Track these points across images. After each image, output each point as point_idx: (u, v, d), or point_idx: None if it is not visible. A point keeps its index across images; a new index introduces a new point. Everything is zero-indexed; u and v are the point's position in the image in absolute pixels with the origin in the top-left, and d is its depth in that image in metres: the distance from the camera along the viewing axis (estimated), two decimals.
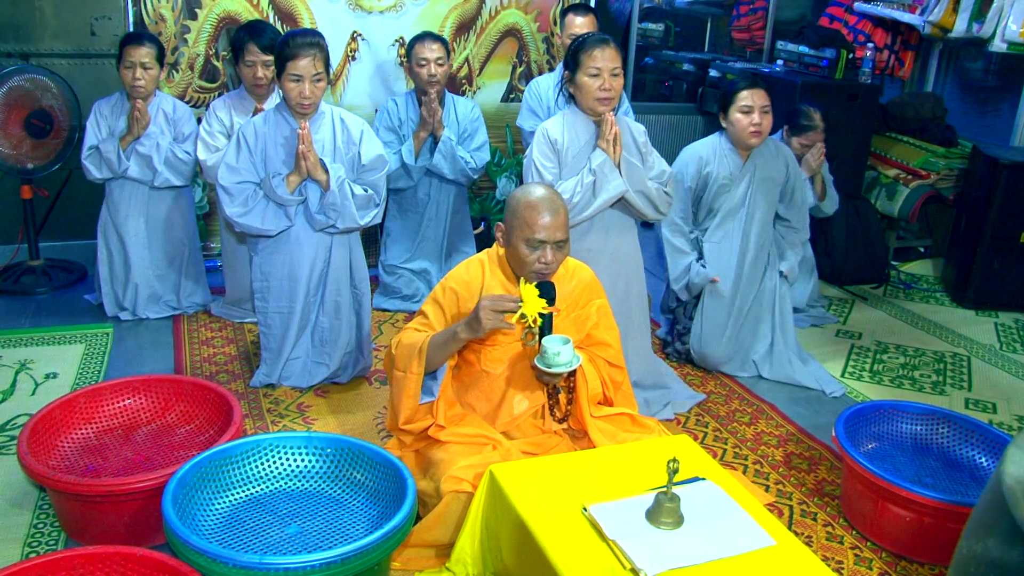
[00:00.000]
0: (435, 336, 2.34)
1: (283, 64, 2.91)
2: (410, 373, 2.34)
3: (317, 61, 2.92)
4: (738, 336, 3.54)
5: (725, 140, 3.45)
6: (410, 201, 4.10)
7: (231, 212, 3.00)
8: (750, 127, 3.32)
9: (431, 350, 2.32)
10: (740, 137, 3.37)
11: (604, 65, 2.82)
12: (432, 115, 3.79)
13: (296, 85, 2.91)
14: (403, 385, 2.36)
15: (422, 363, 2.32)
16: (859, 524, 2.59)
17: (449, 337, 2.31)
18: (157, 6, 4.12)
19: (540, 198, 2.30)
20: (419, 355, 2.32)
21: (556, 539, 1.88)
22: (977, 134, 5.16)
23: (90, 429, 2.66)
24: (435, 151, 3.87)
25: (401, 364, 2.36)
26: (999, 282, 4.46)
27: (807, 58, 4.97)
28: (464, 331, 2.27)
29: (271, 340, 3.23)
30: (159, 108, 3.72)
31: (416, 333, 2.39)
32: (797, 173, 3.62)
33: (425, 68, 3.80)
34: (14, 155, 4.04)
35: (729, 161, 3.44)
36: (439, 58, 3.81)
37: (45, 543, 2.38)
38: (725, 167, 3.43)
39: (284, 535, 2.19)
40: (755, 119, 3.31)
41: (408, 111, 3.96)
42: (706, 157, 3.45)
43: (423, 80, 3.82)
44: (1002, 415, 3.39)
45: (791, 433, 3.15)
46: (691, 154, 3.48)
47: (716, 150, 3.45)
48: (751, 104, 3.30)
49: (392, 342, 2.43)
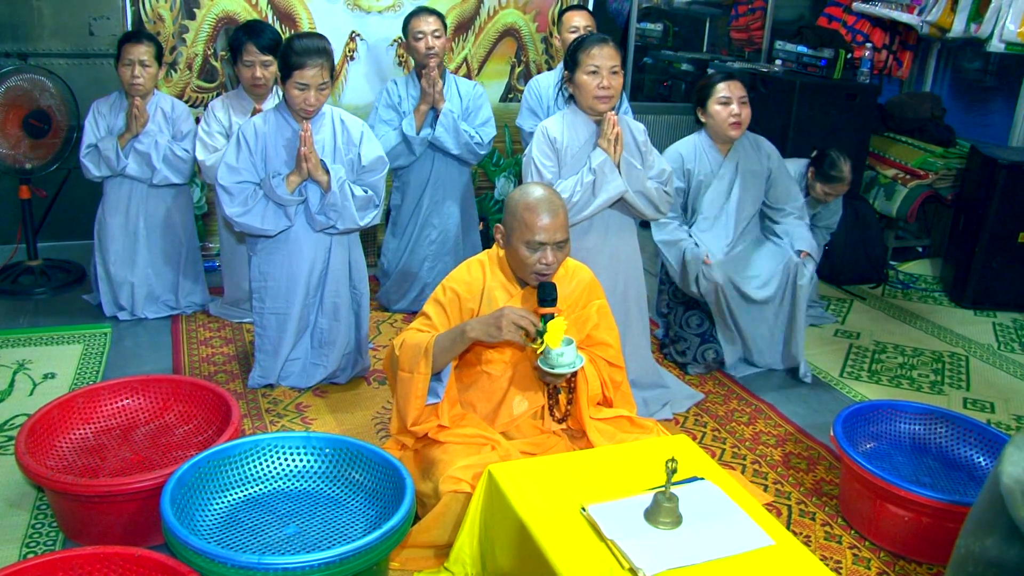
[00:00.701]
0: (440, 336, 2.31)
1: (289, 71, 2.90)
2: (417, 373, 2.30)
3: (324, 71, 2.91)
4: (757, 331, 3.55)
5: (704, 137, 3.45)
6: (414, 181, 3.94)
7: (231, 212, 3.00)
8: (730, 118, 3.31)
9: (437, 350, 2.29)
10: (720, 129, 3.36)
11: (603, 63, 2.82)
12: (432, 85, 3.69)
13: (302, 93, 2.91)
14: (410, 386, 2.31)
15: (429, 363, 2.28)
16: (857, 524, 2.59)
17: (456, 336, 2.28)
18: (155, 6, 4.12)
19: (539, 199, 2.29)
20: (425, 355, 2.28)
21: (555, 539, 1.88)
22: (975, 134, 5.16)
23: (88, 429, 2.66)
24: (437, 124, 3.77)
25: (407, 365, 2.32)
26: (997, 282, 4.46)
27: (805, 58, 4.97)
28: (476, 332, 2.24)
29: (266, 342, 3.22)
30: (157, 106, 3.72)
31: (419, 333, 2.35)
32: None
33: (422, 41, 3.72)
34: (12, 155, 4.03)
35: (709, 157, 3.43)
36: (435, 31, 3.73)
37: (43, 543, 2.37)
38: (705, 163, 3.43)
39: (282, 535, 2.19)
40: (734, 109, 3.31)
41: (408, 89, 3.86)
42: (687, 155, 3.44)
43: (421, 53, 3.73)
44: (1000, 415, 3.39)
45: (789, 433, 3.16)
46: (673, 154, 3.46)
47: (696, 147, 3.45)
48: (729, 95, 3.30)
49: (394, 343, 2.40)
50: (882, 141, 5.13)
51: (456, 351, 2.31)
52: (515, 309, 2.25)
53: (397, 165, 3.86)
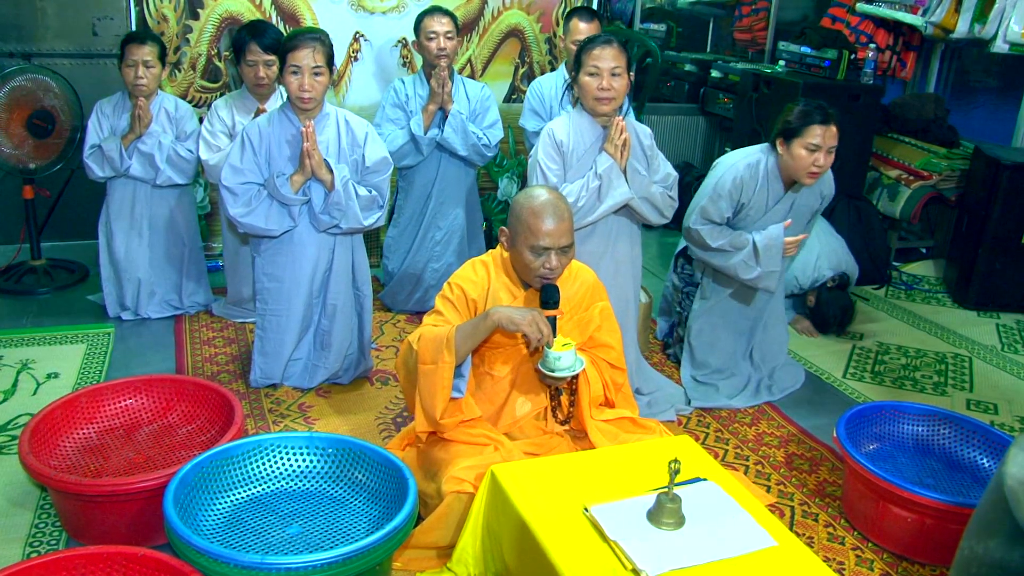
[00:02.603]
0: (461, 325, 2.28)
1: (284, 57, 2.91)
2: (442, 363, 2.24)
3: (317, 54, 2.90)
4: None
5: (773, 165, 3.10)
6: (420, 181, 3.92)
7: (234, 212, 3.00)
8: (812, 167, 2.98)
9: (460, 337, 2.25)
10: (796, 174, 3.04)
11: (604, 65, 2.80)
12: (442, 85, 3.66)
13: (296, 78, 2.90)
14: (435, 377, 2.26)
15: (453, 351, 2.23)
16: (860, 525, 2.59)
17: (479, 321, 2.25)
18: (159, 6, 4.13)
19: (544, 204, 2.28)
20: (448, 344, 2.23)
21: (557, 540, 1.88)
22: (979, 135, 5.16)
23: (91, 429, 2.66)
24: (445, 125, 3.74)
25: (429, 356, 2.26)
26: (1001, 283, 4.45)
27: (809, 59, 4.97)
28: (500, 315, 2.20)
29: (267, 343, 3.22)
30: (161, 107, 3.72)
31: (436, 328, 2.32)
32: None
33: (434, 41, 3.69)
34: (16, 155, 4.04)
35: (771, 189, 3.12)
36: (448, 32, 3.71)
37: (46, 543, 2.38)
38: (763, 196, 3.12)
39: (285, 535, 2.19)
40: (819, 159, 2.96)
41: (416, 88, 3.83)
42: (748, 183, 3.10)
43: (432, 54, 3.70)
44: (1003, 416, 3.39)
45: (792, 434, 3.15)
46: (732, 183, 3.09)
47: (758, 174, 3.10)
48: (820, 144, 2.94)
49: (410, 339, 2.34)
50: (885, 142, 5.12)
51: (479, 337, 2.27)
52: (543, 314, 2.26)
53: (404, 165, 3.84)
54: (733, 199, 3.11)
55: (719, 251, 3.15)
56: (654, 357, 3.69)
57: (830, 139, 2.96)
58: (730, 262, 3.15)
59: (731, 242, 3.13)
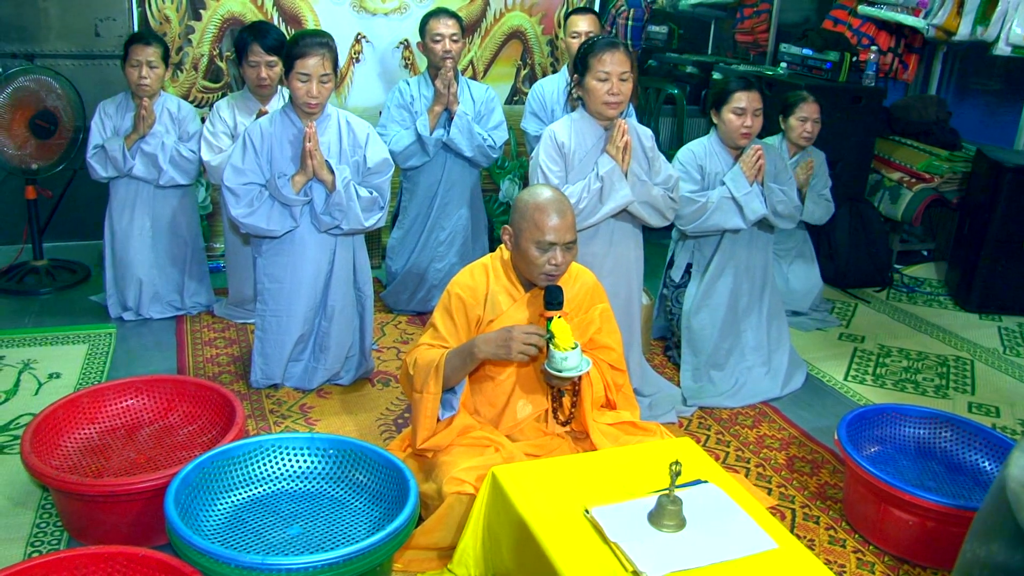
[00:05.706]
0: (451, 354, 2.32)
1: (292, 62, 2.91)
2: (427, 393, 2.32)
3: (326, 61, 2.92)
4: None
5: (715, 138, 3.44)
6: (425, 182, 3.92)
7: (236, 213, 3.01)
8: (741, 128, 3.30)
9: (449, 369, 2.31)
10: (730, 137, 3.36)
11: (613, 69, 2.81)
12: (447, 86, 3.66)
13: (304, 84, 2.92)
14: (420, 407, 2.34)
15: (439, 382, 2.31)
16: (862, 528, 2.59)
17: (466, 356, 2.29)
18: (162, 7, 4.14)
19: (548, 200, 2.29)
20: (436, 373, 2.30)
21: (558, 541, 1.88)
22: (981, 137, 5.15)
23: (93, 429, 2.66)
24: (451, 126, 3.75)
25: (418, 385, 2.35)
26: (1002, 285, 4.45)
27: (811, 61, 4.97)
28: (484, 352, 2.26)
29: (267, 344, 3.22)
30: (164, 107, 3.73)
31: (430, 350, 2.37)
32: (784, 169, 3.57)
33: (440, 44, 3.69)
34: (19, 155, 4.05)
35: (720, 159, 3.42)
36: (454, 34, 3.71)
37: (48, 543, 2.38)
38: (716, 164, 3.42)
39: (286, 536, 2.19)
40: (747, 122, 3.30)
41: (420, 89, 3.83)
42: (700, 154, 3.43)
43: (437, 56, 3.70)
44: (1005, 419, 3.38)
45: (794, 436, 3.15)
46: (686, 154, 3.45)
47: (707, 149, 3.44)
48: (744, 107, 3.29)
49: (407, 361, 2.41)
50: (887, 144, 5.12)
51: (468, 369, 2.33)
52: (521, 328, 2.25)
53: (409, 165, 3.85)
54: (694, 167, 3.41)
55: (698, 211, 3.33)
56: (655, 359, 3.69)
57: (753, 102, 3.31)
58: (709, 214, 3.33)
59: (696, 207, 3.34)
